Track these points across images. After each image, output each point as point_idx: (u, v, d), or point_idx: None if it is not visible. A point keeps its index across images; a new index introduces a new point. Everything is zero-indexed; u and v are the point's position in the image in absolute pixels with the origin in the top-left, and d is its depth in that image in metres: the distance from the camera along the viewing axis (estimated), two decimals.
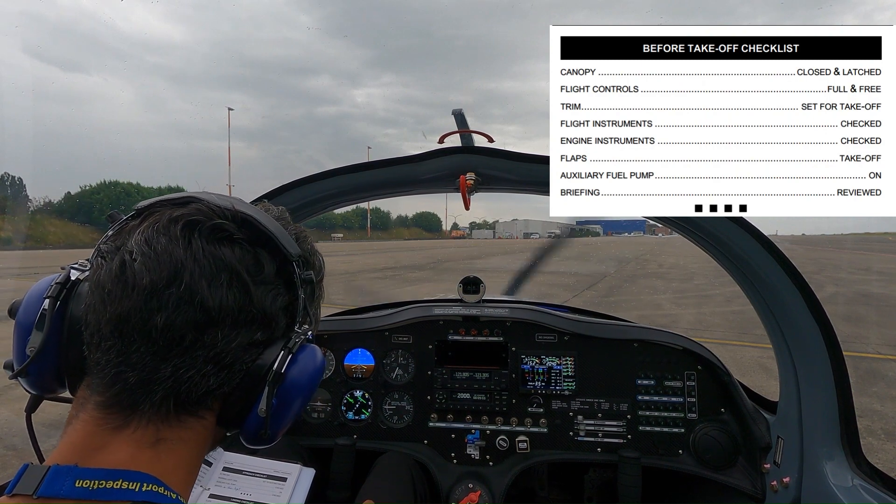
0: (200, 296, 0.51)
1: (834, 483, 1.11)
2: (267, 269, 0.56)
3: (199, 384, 0.52)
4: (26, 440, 0.58)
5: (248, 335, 0.54)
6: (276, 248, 0.57)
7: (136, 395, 0.50)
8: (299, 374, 0.57)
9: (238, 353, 0.53)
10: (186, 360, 0.51)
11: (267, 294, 0.55)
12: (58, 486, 0.46)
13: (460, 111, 1.20)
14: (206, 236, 0.53)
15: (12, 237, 35.55)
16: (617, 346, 1.66)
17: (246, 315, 0.53)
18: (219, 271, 0.52)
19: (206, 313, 0.51)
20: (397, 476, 1.55)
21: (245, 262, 0.54)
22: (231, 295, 0.52)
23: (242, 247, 0.54)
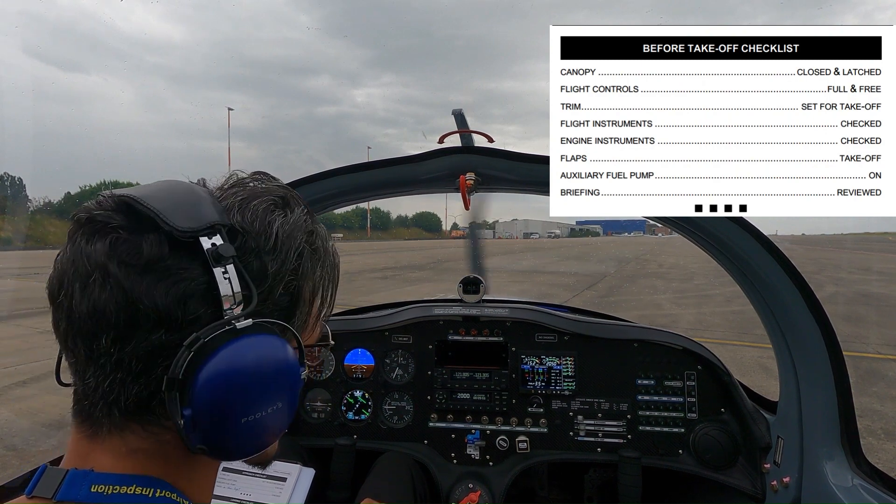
0: (75, 302, 0.46)
1: (834, 483, 1.11)
2: (149, 255, 0.46)
3: (122, 392, 0.47)
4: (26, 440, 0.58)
5: (143, 336, 0.46)
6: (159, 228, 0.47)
7: (83, 405, 0.50)
8: (216, 375, 0.46)
9: (145, 358, 0.46)
10: (96, 370, 0.47)
11: (155, 285, 0.46)
12: (75, 490, 0.46)
13: (460, 111, 1.21)
14: (84, 235, 0.48)
15: (12, 237, 35.56)
16: (617, 346, 1.66)
17: (128, 315, 0.45)
18: (91, 271, 0.46)
19: (84, 320, 0.46)
20: (397, 476, 1.55)
21: (118, 254, 0.46)
22: (104, 295, 0.45)
23: (117, 236, 0.47)
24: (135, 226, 0.47)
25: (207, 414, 0.46)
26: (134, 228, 0.47)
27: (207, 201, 0.50)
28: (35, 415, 4.76)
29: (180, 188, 0.51)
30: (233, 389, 0.47)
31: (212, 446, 0.48)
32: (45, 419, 4.69)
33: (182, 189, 0.51)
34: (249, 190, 0.55)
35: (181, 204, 0.48)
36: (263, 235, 0.52)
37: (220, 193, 0.54)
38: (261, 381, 0.49)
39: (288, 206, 0.56)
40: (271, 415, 0.50)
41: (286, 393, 0.52)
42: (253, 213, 0.52)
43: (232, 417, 0.48)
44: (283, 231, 0.53)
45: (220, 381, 0.46)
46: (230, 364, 0.47)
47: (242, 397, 0.48)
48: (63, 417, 4.75)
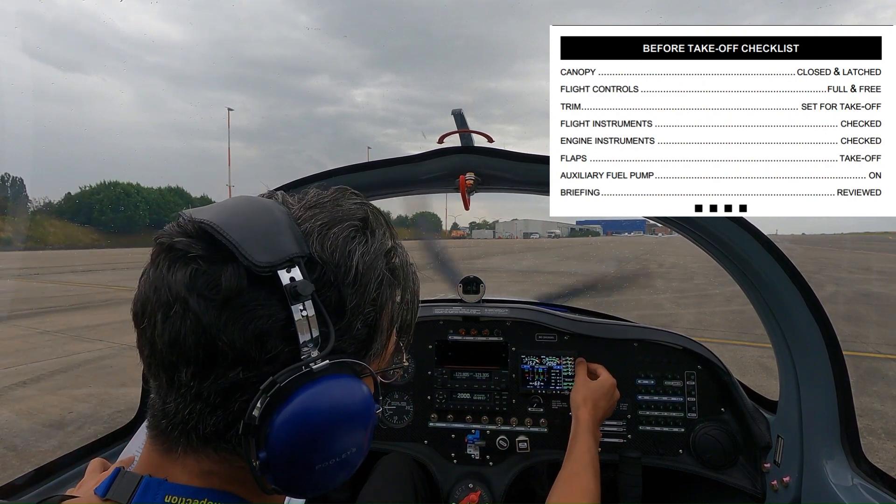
0: (157, 331, 0.46)
1: (834, 482, 1.11)
2: (227, 289, 0.44)
3: (201, 421, 0.47)
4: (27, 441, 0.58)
5: (221, 373, 0.45)
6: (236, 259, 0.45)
7: (161, 424, 0.50)
8: (293, 421, 0.44)
9: (224, 393, 0.46)
10: (177, 398, 0.47)
11: (233, 321, 0.44)
12: (150, 497, 0.47)
13: (460, 111, 1.20)
14: (166, 260, 0.47)
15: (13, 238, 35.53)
16: (617, 346, 1.66)
17: (206, 350, 0.44)
18: (173, 302, 0.45)
19: (165, 351, 0.45)
20: (398, 477, 1.55)
21: (197, 286, 0.45)
22: (185, 328, 0.44)
23: (196, 267, 0.45)
24: (214, 256, 0.46)
25: (282, 458, 0.45)
26: (213, 259, 0.46)
27: (286, 228, 0.48)
28: (35, 415, 4.76)
29: (259, 211, 0.49)
30: (308, 435, 0.46)
31: (285, 488, 0.47)
32: (45, 419, 4.68)
33: (261, 212, 0.49)
34: (329, 212, 0.52)
35: (260, 234, 0.47)
36: (343, 267, 0.49)
37: (299, 213, 0.52)
38: (337, 425, 0.47)
39: (369, 228, 0.54)
40: (347, 458, 0.49)
41: (361, 434, 0.50)
42: (333, 242, 0.50)
43: (307, 463, 0.46)
44: (364, 262, 0.51)
45: (297, 426, 0.45)
46: (307, 409, 0.45)
47: (319, 443, 0.47)
48: (63, 418, 4.76)
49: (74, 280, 17.98)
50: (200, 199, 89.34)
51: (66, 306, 11.77)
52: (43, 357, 6.99)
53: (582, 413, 1.34)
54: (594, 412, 1.36)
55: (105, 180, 76.13)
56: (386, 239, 0.55)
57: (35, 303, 12.11)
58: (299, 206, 0.54)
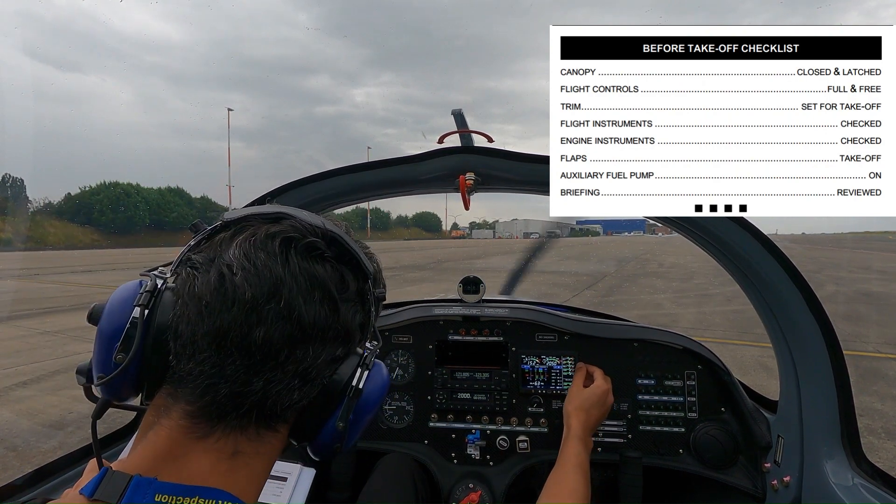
0: (298, 312, 0.52)
1: (834, 482, 1.11)
2: (350, 287, 0.58)
3: (284, 398, 0.54)
4: (27, 441, 0.58)
5: (332, 351, 0.56)
6: (357, 266, 0.59)
7: (224, 407, 0.52)
8: (372, 389, 0.59)
9: (321, 368, 0.55)
10: (278, 375, 0.52)
11: (349, 311, 0.57)
12: (139, 497, 0.47)
13: (460, 111, 1.20)
14: (301, 253, 0.55)
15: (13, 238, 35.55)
16: (617, 346, 1.66)
17: (333, 331, 0.56)
18: (313, 288, 0.54)
19: (302, 329, 0.53)
20: (398, 477, 1.55)
21: (334, 279, 0.56)
22: (323, 311, 0.54)
23: (332, 264, 0.57)
24: (339, 258, 0.58)
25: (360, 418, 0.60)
26: (339, 260, 0.58)
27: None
28: (35, 415, 4.76)
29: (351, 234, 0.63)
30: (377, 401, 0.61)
31: (348, 444, 0.60)
32: (45, 420, 4.68)
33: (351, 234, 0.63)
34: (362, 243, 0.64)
35: (361, 249, 0.61)
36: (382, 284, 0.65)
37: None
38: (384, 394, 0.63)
39: None
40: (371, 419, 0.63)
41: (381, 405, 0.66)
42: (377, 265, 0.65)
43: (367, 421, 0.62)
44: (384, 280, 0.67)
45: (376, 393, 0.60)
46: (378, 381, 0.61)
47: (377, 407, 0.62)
48: (63, 418, 4.76)
49: (75, 280, 18.00)
50: (201, 200, 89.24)
51: (66, 307, 11.77)
52: (43, 357, 6.99)
53: (573, 422, 1.38)
54: (586, 421, 1.39)
55: (105, 181, 76.12)
56: None
57: (35, 303, 12.11)
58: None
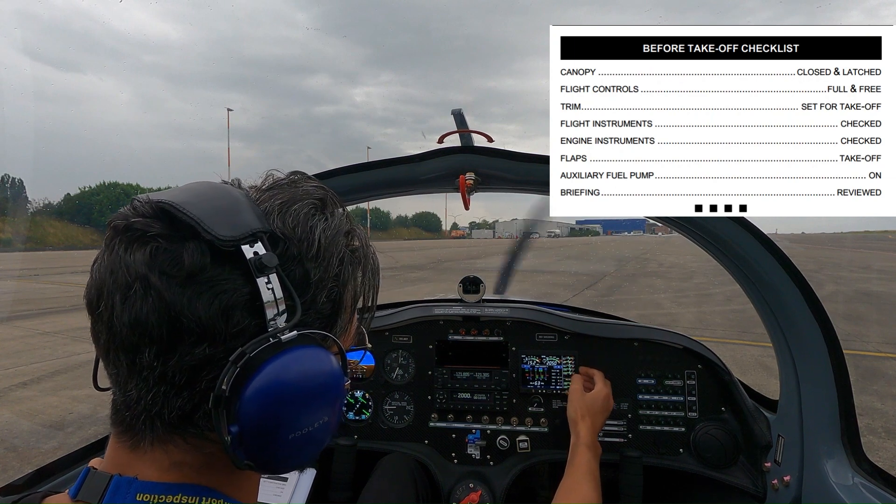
0: (116, 313, 0.45)
1: (835, 481, 1.11)
2: (190, 265, 0.44)
3: (166, 405, 0.46)
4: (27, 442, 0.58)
5: (187, 350, 0.44)
6: (200, 236, 0.45)
7: (124, 416, 0.48)
8: (264, 390, 0.45)
9: (189, 371, 0.45)
10: (139, 382, 0.46)
11: (197, 297, 0.44)
12: (120, 497, 0.46)
13: (460, 111, 1.20)
14: (123, 243, 0.46)
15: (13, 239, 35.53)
16: (617, 346, 1.66)
17: (170, 328, 0.44)
18: (132, 282, 0.44)
19: (126, 333, 0.44)
20: (399, 477, 1.55)
21: (158, 264, 0.44)
22: (146, 307, 0.44)
23: (157, 245, 0.45)
24: (174, 234, 0.45)
25: (255, 431, 0.45)
26: (173, 237, 0.45)
27: (247, 206, 0.49)
28: (35, 416, 4.75)
29: (218, 192, 0.49)
30: (280, 405, 0.46)
31: (259, 462, 0.47)
32: (45, 420, 4.68)
33: (219, 193, 0.49)
34: (288, 192, 0.53)
35: (220, 210, 0.47)
36: (306, 242, 0.50)
37: (257, 196, 0.52)
38: (308, 395, 0.48)
39: (328, 208, 0.55)
40: (318, 429, 0.49)
41: (332, 405, 0.51)
42: (294, 217, 0.50)
43: (280, 434, 0.46)
44: (326, 237, 0.52)
45: (268, 397, 0.45)
46: (277, 379, 0.45)
47: (290, 413, 0.47)
48: (63, 419, 4.76)
49: (74, 281, 17.99)
50: None
51: (66, 307, 11.77)
52: (43, 358, 6.99)
53: (581, 429, 1.37)
54: (592, 426, 1.38)
55: (105, 181, 76.03)
56: (344, 219, 0.57)
57: (35, 304, 12.11)
58: (256, 189, 0.55)
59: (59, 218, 69.66)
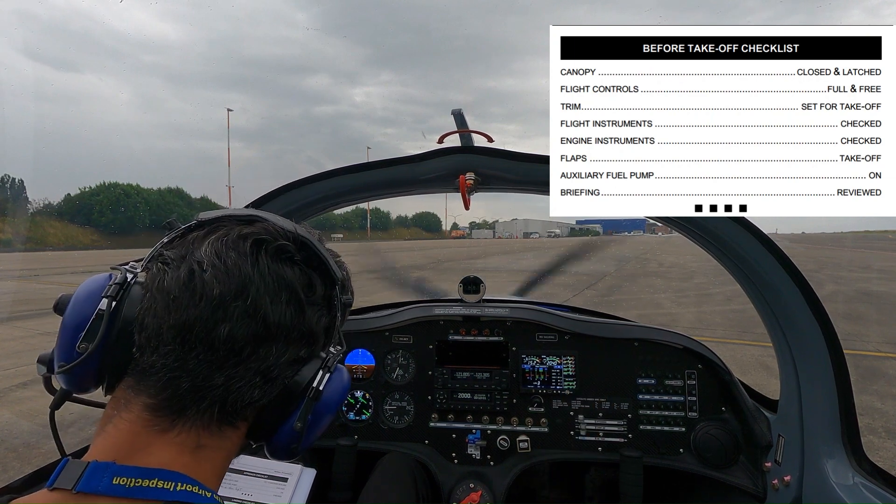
0: (263, 310, 0.54)
1: (835, 481, 1.11)
2: (318, 291, 0.59)
3: (245, 395, 0.54)
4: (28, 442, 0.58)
5: (295, 351, 0.57)
6: (325, 271, 0.61)
7: (185, 401, 0.52)
8: (332, 392, 0.60)
9: (284, 367, 0.56)
10: (239, 371, 0.53)
11: (315, 314, 0.58)
12: (96, 482, 0.47)
13: (460, 111, 1.21)
14: (271, 255, 0.56)
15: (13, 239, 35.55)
16: (617, 346, 1.66)
17: (297, 332, 0.57)
18: (280, 289, 0.55)
19: (266, 328, 0.54)
20: (399, 477, 1.55)
21: (302, 283, 0.57)
22: (289, 312, 0.55)
23: (301, 268, 0.58)
24: (309, 263, 0.59)
25: (318, 419, 0.60)
26: (308, 265, 0.59)
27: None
28: (36, 416, 4.75)
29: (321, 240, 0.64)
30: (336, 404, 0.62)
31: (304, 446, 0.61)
32: (45, 421, 4.66)
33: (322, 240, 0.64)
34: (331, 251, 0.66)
35: (330, 256, 0.62)
36: (350, 291, 0.67)
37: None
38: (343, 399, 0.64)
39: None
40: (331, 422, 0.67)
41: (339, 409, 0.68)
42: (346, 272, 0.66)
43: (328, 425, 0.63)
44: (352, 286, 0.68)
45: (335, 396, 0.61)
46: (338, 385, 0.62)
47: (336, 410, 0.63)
48: (63, 419, 4.74)
49: (75, 281, 17.96)
50: (200, 201, 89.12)
51: None
52: None
53: None
54: None
55: (105, 181, 75.90)
56: None
57: (35, 304, 12.10)
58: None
59: (59, 218, 69.66)
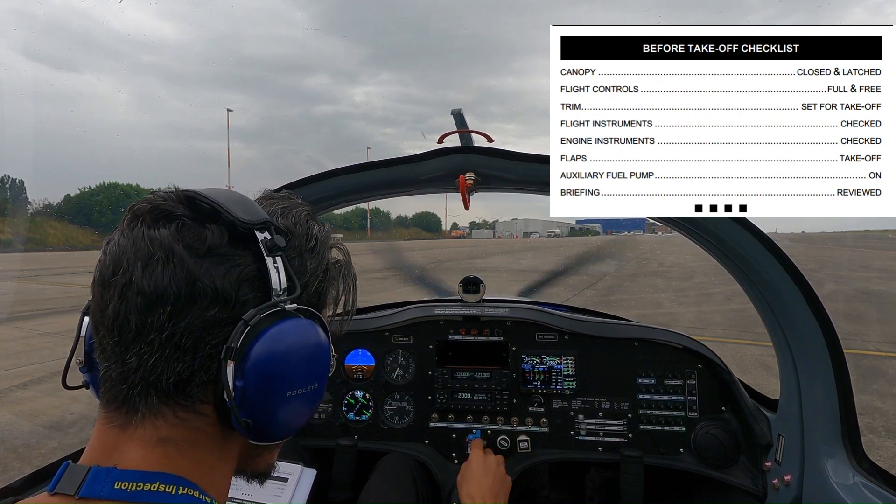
0: (135, 278, 0.50)
1: (835, 481, 1.11)
2: (211, 241, 0.52)
3: (166, 370, 0.50)
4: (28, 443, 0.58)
5: (199, 313, 0.50)
6: (227, 220, 0.53)
7: (119, 390, 0.51)
8: (269, 348, 0.51)
9: (197, 333, 0.50)
10: (143, 346, 0.50)
11: (215, 268, 0.51)
12: (98, 487, 0.47)
13: (459, 111, 1.21)
14: (147, 222, 0.52)
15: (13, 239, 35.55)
16: (617, 345, 1.66)
17: (188, 292, 0.50)
18: (154, 251, 0.50)
19: (144, 296, 0.49)
20: (399, 477, 1.55)
21: (183, 237, 0.51)
22: (167, 273, 0.50)
23: (182, 223, 0.52)
24: (197, 216, 0.53)
25: (258, 385, 0.51)
26: (197, 218, 0.53)
27: (256, 203, 0.58)
28: (36, 417, 4.76)
29: (231, 192, 0.58)
30: (282, 363, 0.52)
31: (256, 420, 0.52)
32: (45, 421, 4.68)
33: (233, 192, 0.58)
34: (286, 202, 0.62)
35: (237, 202, 0.55)
36: (305, 237, 0.60)
37: (259, 202, 0.61)
38: (303, 358, 0.54)
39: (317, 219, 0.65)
40: (309, 394, 0.56)
41: (322, 374, 0.57)
42: (295, 217, 0.60)
43: (278, 390, 0.53)
44: (321, 236, 0.62)
45: (272, 355, 0.51)
46: (280, 340, 0.52)
47: (289, 372, 0.53)
48: (63, 419, 4.76)
49: (75, 281, 17.98)
50: None
51: (66, 308, 11.77)
52: (43, 359, 6.99)
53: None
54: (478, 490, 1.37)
55: (105, 181, 75.82)
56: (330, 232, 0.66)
57: (35, 304, 12.10)
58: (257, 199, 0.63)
59: (59, 218, 69.63)
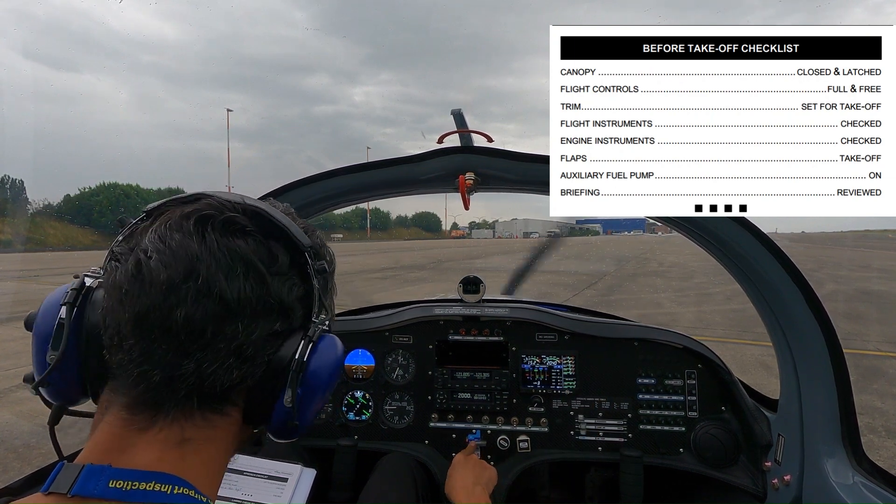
0: (218, 288, 0.51)
1: (835, 480, 1.11)
2: (281, 260, 0.56)
3: (222, 378, 0.52)
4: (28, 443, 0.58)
5: (267, 326, 0.54)
6: (287, 239, 0.57)
7: (160, 394, 0.51)
8: (321, 362, 0.58)
9: (259, 344, 0.53)
10: (209, 354, 0.51)
11: (283, 284, 0.55)
12: (91, 485, 0.46)
13: (459, 111, 1.21)
14: (219, 230, 0.53)
15: (13, 239, 35.55)
16: (617, 345, 1.66)
17: (264, 305, 0.53)
18: (234, 263, 0.52)
19: (225, 305, 0.51)
20: (399, 477, 1.55)
21: (259, 254, 0.54)
22: (248, 286, 0.52)
23: (255, 239, 0.55)
24: (266, 234, 0.56)
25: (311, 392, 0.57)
26: (266, 235, 0.56)
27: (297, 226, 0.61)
28: (36, 417, 4.75)
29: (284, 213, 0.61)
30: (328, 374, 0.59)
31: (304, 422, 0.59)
32: (45, 421, 4.67)
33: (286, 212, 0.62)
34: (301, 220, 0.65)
35: (292, 224, 0.59)
36: (327, 258, 0.64)
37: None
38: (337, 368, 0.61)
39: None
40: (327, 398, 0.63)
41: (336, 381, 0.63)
42: (319, 240, 0.64)
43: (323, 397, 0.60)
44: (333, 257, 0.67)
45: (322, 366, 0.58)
46: (326, 354, 0.59)
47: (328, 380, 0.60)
48: (63, 419, 4.74)
49: None
50: None
51: None
52: None
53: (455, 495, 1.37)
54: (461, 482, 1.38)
55: (105, 182, 75.81)
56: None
57: (35, 305, 12.09)
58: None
59: (58, 219, 69.61)
